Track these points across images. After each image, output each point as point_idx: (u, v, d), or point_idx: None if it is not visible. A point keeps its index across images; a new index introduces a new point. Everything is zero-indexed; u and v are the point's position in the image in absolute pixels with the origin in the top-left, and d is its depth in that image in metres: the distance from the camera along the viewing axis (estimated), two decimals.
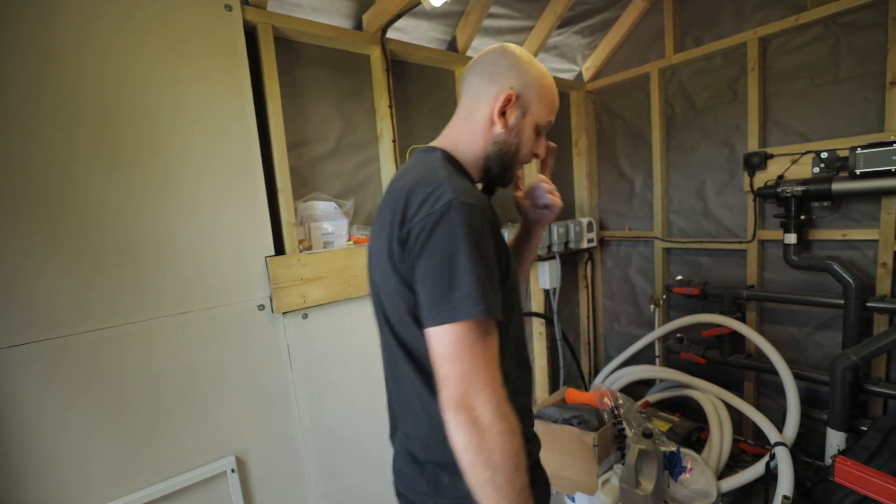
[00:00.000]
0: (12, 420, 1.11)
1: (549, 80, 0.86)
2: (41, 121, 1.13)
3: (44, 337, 1.15)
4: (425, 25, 1.98)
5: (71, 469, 1.19)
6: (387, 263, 0.75)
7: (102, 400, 1.23)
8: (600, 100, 2.82)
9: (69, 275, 1.18)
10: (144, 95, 1.27)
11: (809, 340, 2.15)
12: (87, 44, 1.19)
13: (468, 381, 0.65)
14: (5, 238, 1.09)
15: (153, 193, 1.29)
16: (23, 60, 1.11)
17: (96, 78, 1.20)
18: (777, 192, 2.00)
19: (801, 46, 2.02)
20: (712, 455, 2.02)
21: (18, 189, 1.11)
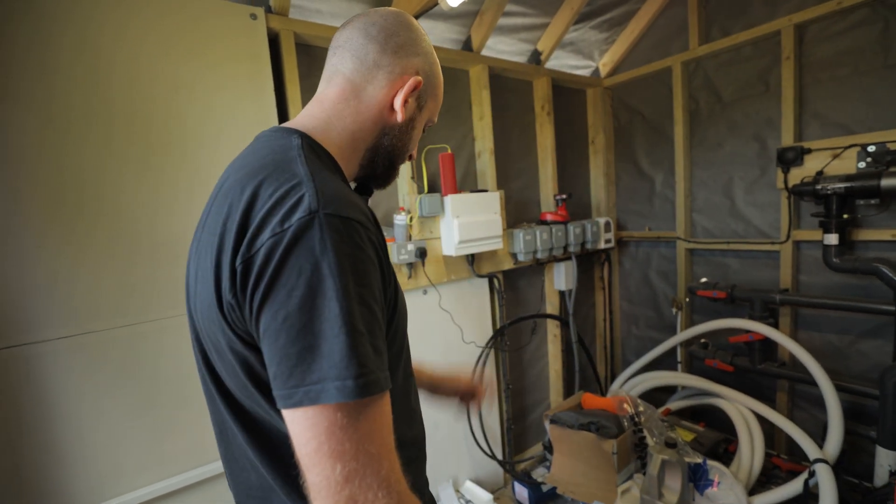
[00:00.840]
0: (54, 407, 1.10)
1: (440, 70, 0.65)
2: (77, 125, 1.11)
3: (82, 331, 1.12)
4: (441, 26, 1.83)
5: (106, 455, 1.17)
6: (213, 302, 0.47)
7: (136, 391, 1.20)
8: (618, 96, 2.57)
9: (106, 271, 1.15)
10: (175, 101, 1.24)
11: (852, 349, 1.84)
12: (121, 54, 1.17)
13: (354, 486, 0.40)
14: (45, 235, 1.08)
15: (183, 194, 1.26)
16: (69, 69, 1.09)
17: (129, 85, 1.17)
18: (815, 190, 1.71)
19: (844, 31, 1.73)
20: (742, 469, 1.76)
21: (54, 189, 1.09)
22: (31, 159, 1.06)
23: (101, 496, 1.16)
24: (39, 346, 1.08)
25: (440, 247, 1.83)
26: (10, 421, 1.06)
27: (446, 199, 1.76)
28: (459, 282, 1.91)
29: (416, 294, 1.78)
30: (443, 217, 1.80)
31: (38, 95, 1.06)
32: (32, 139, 1.06)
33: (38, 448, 1.09)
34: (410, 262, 1.71)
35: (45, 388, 1.09)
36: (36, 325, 1.08)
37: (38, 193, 1.07)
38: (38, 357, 1.08)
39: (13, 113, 1.04)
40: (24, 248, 1.05)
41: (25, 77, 1.05)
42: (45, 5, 1.06)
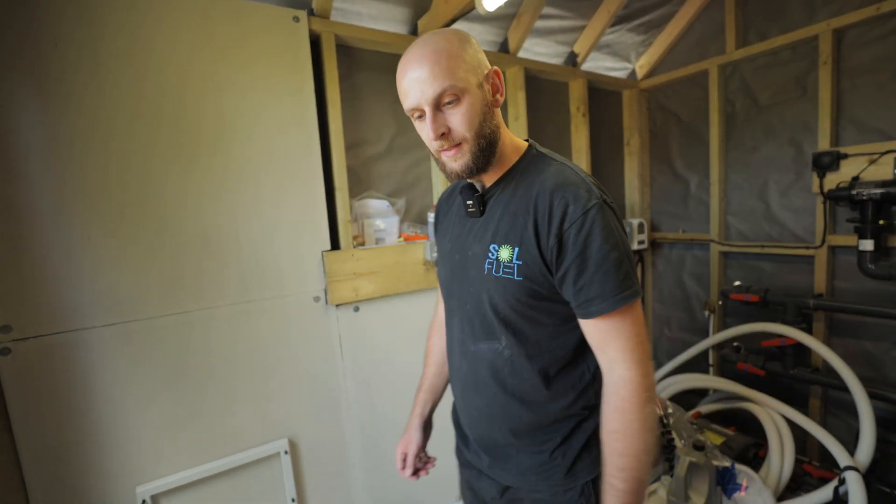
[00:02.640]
0: (99, 392, 1.23)
1: (399, 65, 0.75)
2: (123, 125, 1.24)
3: (123, 320, 1.26)
4: (478, 28, 2.01)
5: (142, 441, 1.29)
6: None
7: (171, 380, 1.33)
8: (654, 98, 2.73)
9: (148, 264, 1.29)
10: (220, 101, 1.38)
11: (888, 356, 1.96)
12: (173, 59, 1.31)
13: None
14: (89, 228, 1.21)
15: (227, 191, 1.40)
16: (119, 72, 1.24)
17: (178, 84, 1.32)
18: (851, 195, 1.84)
19: (884, 37, 1.86)
20: (771, 474, 1.89)
21: (101, 184, 1.22)
22: (80, 157, 1.18)
23: (140, 479, 1.29)
24: (86, 333, 1.21)
25: None
26: (56, 404, 1.17)
27: None
28: None
29: None
30: None
31: (88, 96, 1.19)
32: (81, 138, 1.19)
33: (81, 430, 1.21)
34: None
35: (91, 372, 1.22)
36: (83, 312, 1.20)
37: (85, 189, 1.19)
38: (85, 343, 1.21)
39: (65, 113, 1.17)
40: (71, 240, 1.18)
41: (78, 79, 1.18)
42: (98, 8, 1.19)
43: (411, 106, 0.74)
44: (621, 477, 0.73)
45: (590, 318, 0.73)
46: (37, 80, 1.14)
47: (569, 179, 0.74)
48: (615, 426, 0.73)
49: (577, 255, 0.70)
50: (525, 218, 0.75)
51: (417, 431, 1.09)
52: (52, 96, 1.16)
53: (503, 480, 0.89)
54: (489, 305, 0.80)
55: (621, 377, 0.73)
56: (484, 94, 0.74)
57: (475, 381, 0.87)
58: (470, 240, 0.84)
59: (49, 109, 1.16)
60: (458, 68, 0.70)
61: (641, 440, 0.71)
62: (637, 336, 0.72)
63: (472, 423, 0.92)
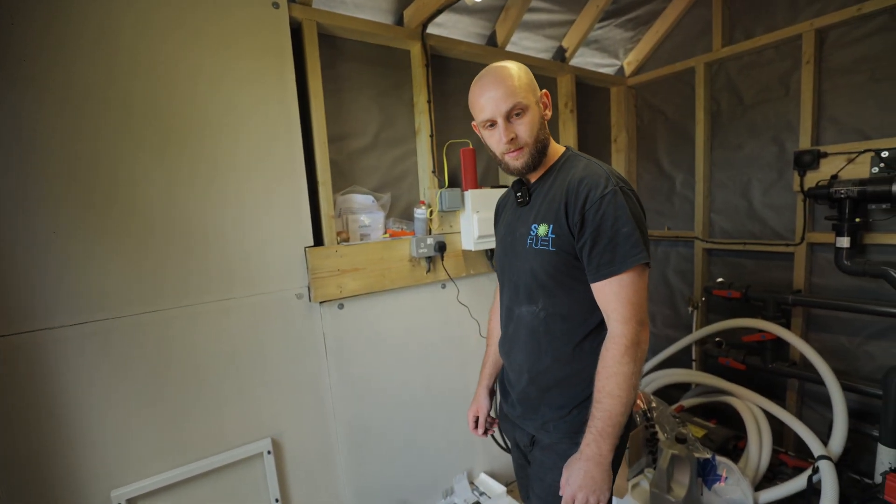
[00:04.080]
0: (67, 394, 1.19)
1: (475, 86, 0.99)
2: (92, 110, 1.20)
3: (94, 318, 1.21)
4: (465, 20, 1.99)
5: (118, 443, 1.26)
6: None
7: (149, 379, 1.30)
8: (642, 95, 2.75)
9: (119, 258, 1.24)
10: (194, 90, 1.34)
11: (860, 350, 2.04)
12: (142, 42, 1.26)
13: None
14: (56, 221, 1.16)
15: (200, 183, 1.36)
16: (88, 54, 1.19)
17: (148, 70, 1.27)
18: (830, 193, 1.90)
19: (863, 38, 1.91)
20: (750, 465, 1.96)
21: (67, 173, 1.17)
22: (44, 144, 1.13)
23: (115, 482, 1.25)
24: (55, 332, 1.16)
25: (459, 241, 1.97)
26: (24, 407, 1.13)
27: (467, 193, 1.90)
28: (478, 276, 2.08)
29: (434, 288, 1.94)
30: (463, 212, 1.94)
31: (53, 80, 1.13)
32: (46, 124, 1.13)
33: (51, 434, 1.16)
34: (429, 256, 1.86)
35: (58, 374, 1.17)
36: (51, 311, 1.15)
37: (51, 179, 1.14)
38: (55, 343, 1.16)
39: (26, 96, 1.10)
40: (36, 233, 1.13)
41: (41, 61, 1.12)
42: None
43: (487, 118, 0.96)
44: (598, 408, 0.89)
45: (598, 281, 0.91)
46: None
47: (594, 172, 0.95)
48: (599, 368, 0.91)
49: (594, 230, 0.90)
50: (559, 202, 0.96)
51: (485, 398, 1.30)
52: (11, 78, 1.10)
53: (529, 429, 1.09)
54: (530, 273, 1.01)
55: (612, 330, 0.91)
56: (540, 110, 0.99)
57: (517, 340, 1.08)
58: (518, 224, 1.07)
59: (7, 92, 1.10)
60: (522, 89, 0.94)
61: (615, 382, 0.88)
62: (634, 299, 0.89)
63: (513, 377, 1.12)
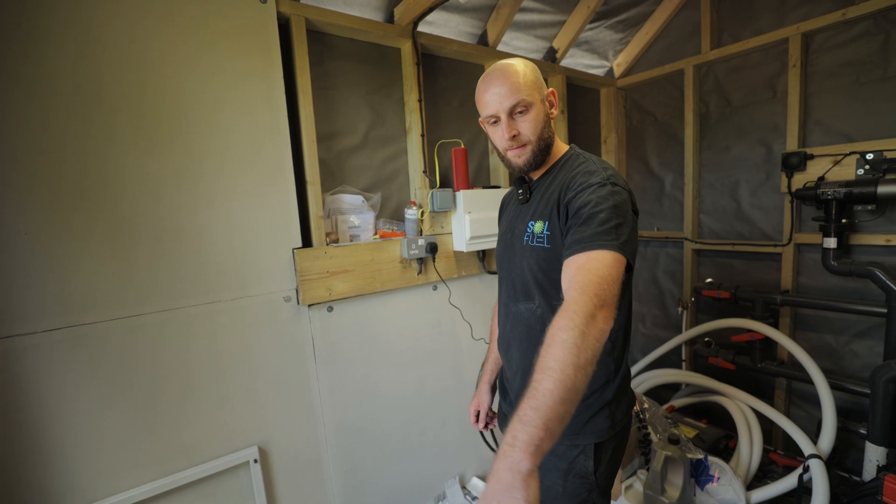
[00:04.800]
0: (43, 404, 1.14)
1: (481, 83, 0.98)
2: (78, 110, 1.15)
3: (78, 322, 1.17)
4: (456, 19, 1.97)
5: (93, 456, 1.21)
6: None
7: (126, 388, 1.24)
8: (631, 96, 2.77)
9: (104, 261, 1.20)
10: (182, 86, 1.29)
11: (846, 349, 2.07)
12: (130, 39, 1.21)
13: None
14: (41, 223, 1.11)
15: (187, 183, 1.31)
16: (61, 49, 1.13)
17: (137, 69, 1.23)
18: (817, 194, 1.93)
19: (848, 42, 1.94)
20: (741, 464, 1.97)
21: (54, 174, 1.12)
22: (9, 138, 1.07)
23: (92, 495, 1.19)
24: (23, 340, 1.10)
25: (451, 242, 1.94)
26: None
27: (458, 194, 1.88)
28: (470, 278, 2.06)
29: (425, 290, 1.91)
30: (454, 212, 1.91)
31: (24, 69, 1.07)
32: (12, 116, 1.07)
33: (22, 448, 1.11)
34: (421, 258, 1.83)
35: (31, 383, 1.11)
36: (18, 317, 1.09)
37: (18, 175, 1.08)
38: (23, 351, 1.10)
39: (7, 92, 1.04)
40: (7, 235, 1.08)
41: (9, 49, 1.06)
42: None
43: (490, 113, 0.96)
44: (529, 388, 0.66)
45: (566, 259, 0.84)
46: None
47: (590, 168, 0.94)
48: (544, 341, 0.72)
49: (574, 215, 0.88)
50: (555, 199, 0.95)
51: (487, 394, 1.28)
52: None
53: None
54: (527, 270, 1.00)
55: (566, 299, 0.76)
56: (545, 108, 0.98)
57: (514, 338, 1.06)
58: (517, 221, 1.07)
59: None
60: (527, 86, 0.94)
61: (552, 354, 0.68)
62: (594, 275, 0.76)
63: (511, 375, 1.10)
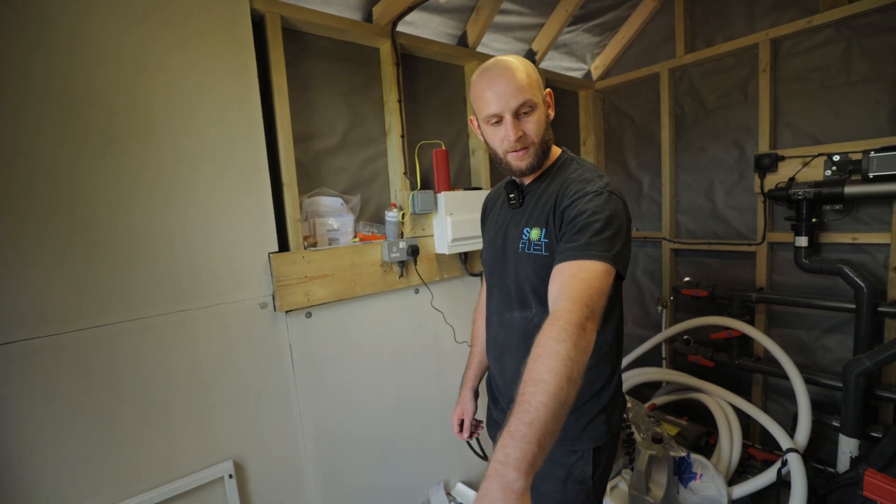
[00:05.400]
0: None
1: (480, 79, 0.93)
2: (29, 106, 1.08)
3: (33, 335, 1.09)
4: (436, 20, 1.95)
5: (60, 474, 1.13)
6: None
7: (94, 402, 1.17)
8: (609, 99, 2.81)
9: (60, 269, 1.12)
10: (143, 82, 1.23)
11: (818, 344, 2.14)
12: (84, 29, 1.14)
13: None
14: None
15: (149, 184, 1.24)
16: (12, 43, 1.06)
17: (94, 65, 1.16)
18: (788, 195, 1.98)
19: (813, 48, 2.01)
20: (722, 460, 2.00)
21: (2, 177, 1.05)
22: None
23: None
24: None
25: (433, 245, 1.92)
26: None
27: (440, 196, 1.85)
28: (452, 280, 2.04)
29: (407, 293, 1.88)
30: (436, 214, 1.89)
31: None
32: None
33: None
34: (402, 261, 1.79)
35: None
36: None
37: None
38: None
39: None
40: None
41: None
42: None
43: (493, 112, 0.91)
44: (519, 401, 0.64)
45: (557, 265, 0.83)
46: None
47: (586, 176, 0.93)
48: (532, 351, 0.70)
49: (569, 223, 0.87)
50: (551, 205, 0.93)
51: (471, 401, 1.25)
52: None
53: None
54: (523, 278, 0.97)
55: (556, 308, 0.75)
56: (545, 109, 0.95)
57: (509, 346, 1.04)
58: (510, 226, 1.04)
59: None
60: (532, 86, 0.90)
61: (544, 364, 0.66)
62: (586, 286, 0.76)
63: (504, 383, 1.08)
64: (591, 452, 0.97)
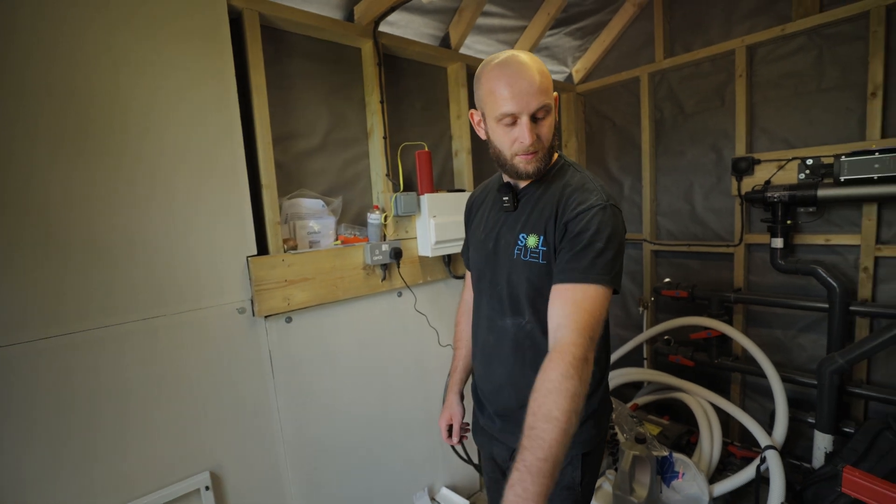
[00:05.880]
0: None
1: (495, 73, 0.86)
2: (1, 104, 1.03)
3: (4, 343, 1.04)
4: (418, 20, 1.94)
5: (27, 488, 1.08)
6: None
7: (63, 412, 1.12)
8: (590, 102, 2.84)
9: (34, 274, 1.08)
10: (117, 80, 1.19)
11: (793, 343, 2.19)
12: (60, 27, 1.10)
13: None
14: None
15: (124, 186, 1.20)
16: None
17: (67, 61, 1.11)
18: (764, 197, 2.03)
19: (787, 56, 2.07)
20: (703, 459, 2.03)
21: None
22: None
23: None
24: None
25: (416, 247, 1.90)
26: None
27: (423, 198, 1.84)
28: (435, 283, 2.02)
29: (390, 296, 1.85)
30: (419, 217, 1.87)
31: None
32: None
33: None
34: (385, 264, 1.77)
35: None
36: None
37: None
38: None
39: None
40: None
41: None
42: None
43: (509, 111, 0.85)
44: (530, 436, 0.71)
45: (561, 283, 0.84)
46: None
47: (586, 185, 0.91)
48: (537, 384, 0.76)
49: (573, 238, 0.86)
50: (550, 213, 0.91)
51: (458, 405, 1.23)
52: None
53: (511, 444, 1.02)
54: (517, 285, 0.95)
55: (561, 338, 0.79)
56: (556, 113, 0.93)
57: (499, 353, 1.02)
58: (503, 230, 1.00)
59: None
60: (549, 88, 0.87)
61: (554, 401, 0.72)
62: (589, 316, 0.80)
63: (493, 389, 1.05)
64: (580, 458, 0.97)
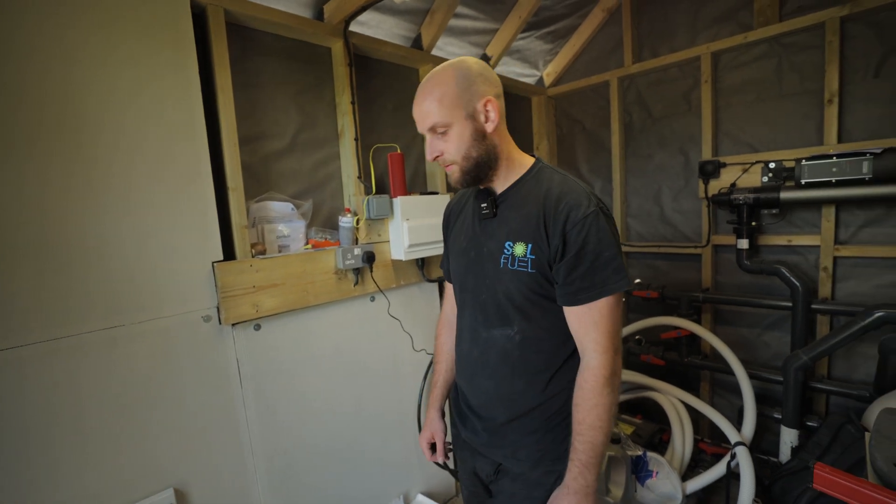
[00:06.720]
0: None
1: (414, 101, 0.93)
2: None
3: None
4: (390, 21, 1.92)
5: None
6: None
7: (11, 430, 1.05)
8: (561, 105, 2.88)
9: None
10: (70, 75, 1.12)
11: (759, 340, 2.27)
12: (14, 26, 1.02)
13: None
14: None
15: (78, 187, 1.13)
16: None
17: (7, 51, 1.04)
18: (730, 199, 2.10)
19: (749, 63, 2.15)
20: (675, 457, 2.07)
21: None
22: None
23: None
24: None
25: (389, 251, 1.87)
26: None
27: (396, 200, 1.81)
28: (409, 287, 2.00)
29: (362, 301, 1.82)
30: (392, 220, 1.84)
31: None
32: None
33: None
34: (357, 268, 1.73)
35: None
36: None
37: None
38: None
39: None
40: None
41: None
42: None
43: (419, 130, 0.94)
44: (581, 440, 0.86)
45: (575, 306, 0.87)
46: None
47: (572, 189, 0.89)
48: (577, 399, 0.88)
49: (575, 253, 0.85)
50: (537, 219, 0.89)
51: (440, 422, 1.21)
52: None
53: (496, 457, 1.03)
54: (504, 295, 0.94)
55: (588, 361, 0.88)
56: (474, 123, 0.90)
57: (485, 365, 1.00)
58: (485, 238, 0.98)
59: None
60: (446, 107, 0.88)
61: (596, 414, 0.85)
62: (612, 329, 0.87)
63: (478, 403, 1.04)
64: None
